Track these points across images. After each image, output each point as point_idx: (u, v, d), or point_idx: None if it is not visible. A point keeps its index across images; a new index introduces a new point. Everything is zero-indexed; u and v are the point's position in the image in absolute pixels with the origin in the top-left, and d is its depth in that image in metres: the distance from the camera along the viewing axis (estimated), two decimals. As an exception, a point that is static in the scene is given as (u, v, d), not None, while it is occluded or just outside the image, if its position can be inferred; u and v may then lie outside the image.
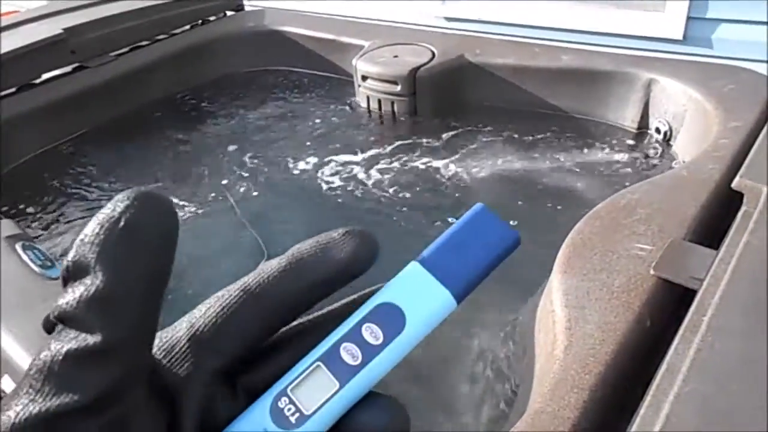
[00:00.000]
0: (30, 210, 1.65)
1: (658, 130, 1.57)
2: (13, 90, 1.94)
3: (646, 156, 1.57)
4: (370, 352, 0.21)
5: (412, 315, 0.21)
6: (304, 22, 2.26)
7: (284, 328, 0.21)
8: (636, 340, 0.81)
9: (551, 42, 1.91)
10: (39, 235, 1.55)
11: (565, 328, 0.84)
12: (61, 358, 0.16)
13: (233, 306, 0.20)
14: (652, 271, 0.89)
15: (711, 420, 0.55)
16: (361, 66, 1.87)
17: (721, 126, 1.28)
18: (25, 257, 1.12)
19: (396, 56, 1.87)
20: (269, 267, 0.20)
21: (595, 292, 0.88)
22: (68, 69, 2.04)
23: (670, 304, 0.86)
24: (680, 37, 1.95)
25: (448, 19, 2.44)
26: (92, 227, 0.17)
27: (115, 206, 0.17)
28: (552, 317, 0.89)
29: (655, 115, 1.57)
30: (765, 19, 1.87)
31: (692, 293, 0.79)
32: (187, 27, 2.36)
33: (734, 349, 0.62)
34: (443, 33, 2.05)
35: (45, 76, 1.99)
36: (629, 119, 1.64)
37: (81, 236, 0.17)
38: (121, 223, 0.17)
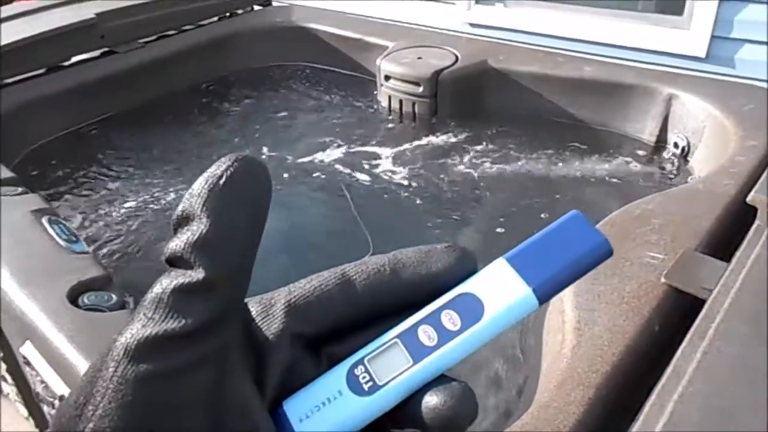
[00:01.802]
0: (54, 186, 1.69)
1: (676, 145, 1.58)
2: (42, 71, 1.98)
3: (663, 169, 1.59)
4: (445, 336, 0.22)
5: (491, 307, 0.22)
6: (331, 20, 2.29)
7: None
8: (644, 344, 0.83)
9: (575, 53, 1.93)
10: (58, 207, 1.59)
11: (575, 328, 0.86)
12: (170, 290, 0.19)
13: (330, 286, 0.22)
14: (663, 279, 0.90)
15: (712, 418, 0.57)
16: (384, 66, 1.90)
17: (739, 144, 1.29)
18: (51, 231, 1.16)
19: (420, 58, 1.89)
20: (370, 261, 0.22)
21: (606, 296, 0.90)
22: (97, 53, 2.09)
23: (679, 312, 0.88)
24: (703, 55, 1.95)
25: (473, 25, 2.46)
26: (199, 183, 0.20)
27: (218, 166, 0.20)
28: (562, 317, 0.91)
29: (674, 129, 1.59)
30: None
31: (701, 302, 0.81)
32: (215, 19, 2.40)
33: (738, 354, 0.64)
34: (468, 38, 2.07)
35: (74, 59, 2.03)
36: (648, 133, 1.66)
37: (189, 191, 0.20)
38: (222, 179, 0.19)
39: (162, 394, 0.18)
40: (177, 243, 0.19)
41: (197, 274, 0.19)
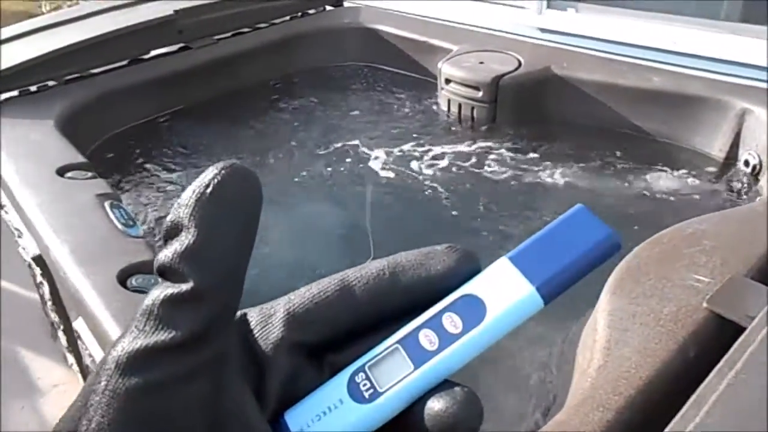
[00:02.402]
0: (124, 172, 1.79)
1: (746, 163, 1.49)
2: (125, 63, 2.10)
3: (730, 188, 1.50)
4: (447, 339, 0.21)
5: (493, 308, 0.21)
6: (398, 21, 2.30)
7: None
8: (676, 369, 0.79)
9: (647, 62, 1.85)
10: (124, 191, 1.68)
11: (604, 347, 0.83)
12: (159, 302, 0.19)
13: (329, 293, 0.22)
14: (704, 304, 0.86)
15: (725, 454, 0.54)
16: (445, 69, 1.90)
17: (813, 165, 1.20)
18: (111, 215, 1.23)
19: (482, 62, 1.87)
20: (370, 266, 0.22)
21: (642, 316, 0.86)
22: (174, 48, 2.19)
23: (720, 340, 0.83)
24: (788, 68, 1.83)
25: (544, 30, 2.40)
26: (187, 193, 0.20)
27: (206, 176, 0.20)
28: (594, 336, 0.88)
29: (746, 146, 1.50)
30: None
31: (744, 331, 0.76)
32: (287, 18, 2.47)
33: (765, 389, 0.60)
34: (533, 43, 2.03)
35: (153, 52, 2.14)
36: (717, 148, 1.57)
37: (178, 201, 0.20)
38: (210, 188, 0.19)
39: (155, 407, 0.18)
40: (166, 254, 0.19)
41: (186, 286, 0.19)
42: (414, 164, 1.75)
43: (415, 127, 1.95)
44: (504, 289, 0.21)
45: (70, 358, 1.55)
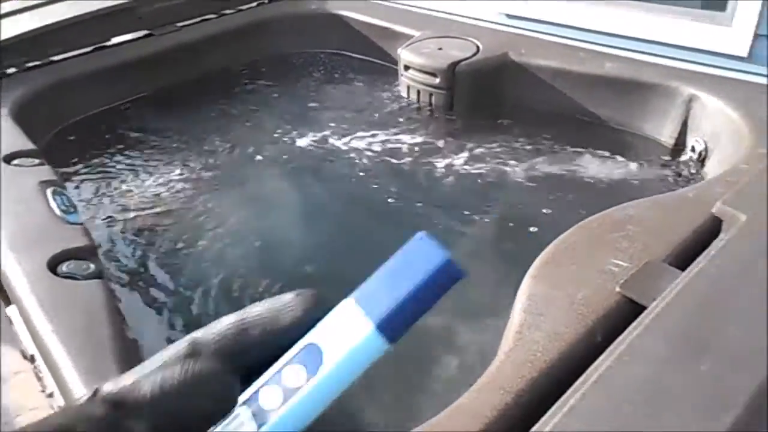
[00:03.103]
0: (80, 159, 1.78)
1: (693, 149, 1.50)
2: (88, 50, 2.08)
3: (678, 174, 1.51)
4: (289, 394, 0.20)
5: (332, 354, 0.20)
6: (363, 8, 2.29)
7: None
8: (582, 352, 0.80)
9: (604, 48, 1.85)
10: (82, 177, 1.68)
11: (516, 332, 0.84)
12: None
13: (176, 362, 0.21)
14: (617, 289, 0.87)
15: (589, 435, 0.55)
16: (405, 55, 1.89)
17: (749, 151, 1.21)
18: (52, 202, 1.23)
19: (440, 49, 1.87)
20: (219, 325, 0.22)
21: (557, 301, 0.87)
22: (139, 35, 2.17)
23: (630, 324, 0.84)
24: (745, 55, 1.83)
25: (510, 17, 2.39)
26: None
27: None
28: (512, 320, 0.90)
29: (693, 133, 1.51)
30: None
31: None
32: (254, 4, 2.45)
33: (644, 374, 0.61)
34: (494, 29, 2.03)
35: (115, 39, 2.12)
36: (667, 135, 1.58)
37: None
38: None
39: None
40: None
41: None
42: (366, 150, 1.75)
43: (376, 114, 1.95)
44: (345, 332, 0.20)
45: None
